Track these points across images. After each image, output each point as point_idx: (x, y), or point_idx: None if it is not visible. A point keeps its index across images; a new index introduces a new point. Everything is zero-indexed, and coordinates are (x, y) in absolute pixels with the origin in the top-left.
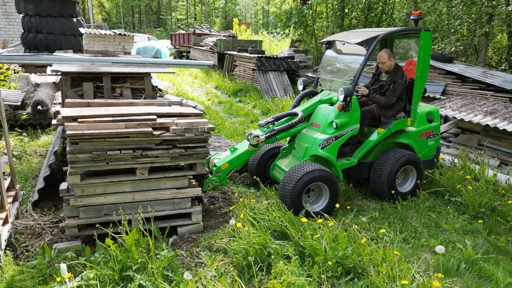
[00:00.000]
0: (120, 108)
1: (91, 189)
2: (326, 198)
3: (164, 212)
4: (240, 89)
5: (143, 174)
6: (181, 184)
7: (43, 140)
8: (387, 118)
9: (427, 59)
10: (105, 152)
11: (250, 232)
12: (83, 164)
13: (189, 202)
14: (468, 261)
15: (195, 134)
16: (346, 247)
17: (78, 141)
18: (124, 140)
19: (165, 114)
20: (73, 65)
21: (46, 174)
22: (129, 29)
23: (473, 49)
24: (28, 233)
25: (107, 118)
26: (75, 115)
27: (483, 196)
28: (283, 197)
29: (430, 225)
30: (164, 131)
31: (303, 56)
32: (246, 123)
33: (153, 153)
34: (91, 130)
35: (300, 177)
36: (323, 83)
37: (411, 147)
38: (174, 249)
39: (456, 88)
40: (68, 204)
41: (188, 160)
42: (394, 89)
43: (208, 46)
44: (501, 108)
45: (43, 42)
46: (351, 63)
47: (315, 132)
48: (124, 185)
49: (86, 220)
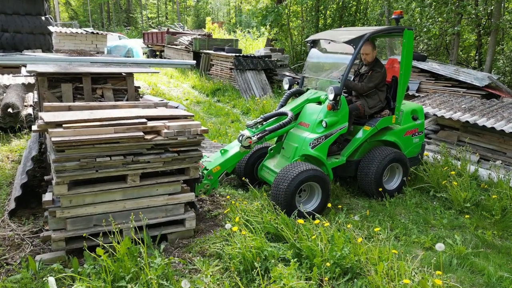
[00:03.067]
0: (105, 111)
1: (79, 199)
2: (318, 198)
3: (156, 219)
4: (218, 89)
5: (134, 181)
6: (174, 190)
7: (15, 144)
8: (370, 108)
9: (410, 57)
10: (94, 159)
11: (246, 236)
12: (70, 173)
13: (182, 208)
14: (459, 257)
15: (187, 137)
16: (342, 247)
17: (65, 149)
18: (114, 146)
19: (155, 117)
20: (49, 65)
21: (23, 181)
22: (98, 28)
23: (444, 48)
24: (6, 245)
25: (94, 122)
26: (59, 121)
27: (467, 191)
28: (276, 197)
29: (419, 221)
30: (155, 135)
31: (279, 55)
32: (227, 123)
33: (144, 159)
34: (78, 136)
35: (295, 176)
36: (308, 82)
37: (397, 144)
38: (166, 256)
39: (430, 86)
40: (54, 216)
41: (181, 164)
42: (371, 76)
43: (183, 45)
44: (478, 105)
45: (10, 42)
46: (337, 62)
47: (304, 131)
48: (115, 193)
49: (74, 232)
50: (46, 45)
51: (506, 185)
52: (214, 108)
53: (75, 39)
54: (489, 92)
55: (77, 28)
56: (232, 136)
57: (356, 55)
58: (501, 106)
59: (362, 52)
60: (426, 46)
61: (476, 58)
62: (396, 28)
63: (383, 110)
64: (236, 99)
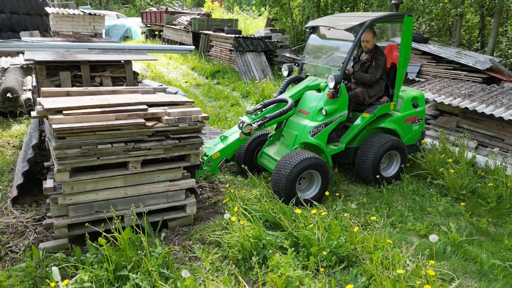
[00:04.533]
0: (104, 97)
1: (80, 186)
2: (318, 186)
3: (158, 205)
4: (217, 71)
5: (135, 168)
6: (175, 176)
7: (15, 129)
8: (370, 97)
9: (409, 44)
10: (95, 146)
11: (244, 225)
12: (72, 160)
13: (183, 194)
14: (453, 244)
15: (188, 124)
16: (339, 236)
17: (66, 136)
18: (115, 133)
19: (155, 103)
20: (47, 52)
21: (24, 169)
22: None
23: (446, 29)
24: (10, 232)
25: (95, 109)
26: (59, 107)
27: (464, 178)
28: (277, 184)
29: (415, 208)
30: (156, 122)
31: (280, 35)
32: (226, 106)
33: (145, 146)
34: (79, 123)
35: (296, 165)
36: (307, 68)
37: (396, 132)
38: (167, 244)
39: (431, 69)
40: (56, 203)
41: (182, 151)
42: (377, 65)
43: (182, 25)
44: (478, 91)
45: (6, 23)
46: (337, 49)
47: (303, 119)
48: (116, 180)
49: (77, 219)
50: (43, 26)
51: (503, 173)
52: (213, 91)
53: (73, 20)
54: (490, 76)
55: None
56: (232, 121)
57: (356, 42)
58: (501, 92)
59: (363, 39)
60: (429, 27)
61: (478, 40)
62: (396, 15)
63: (382, 97)
64: (235, 81)
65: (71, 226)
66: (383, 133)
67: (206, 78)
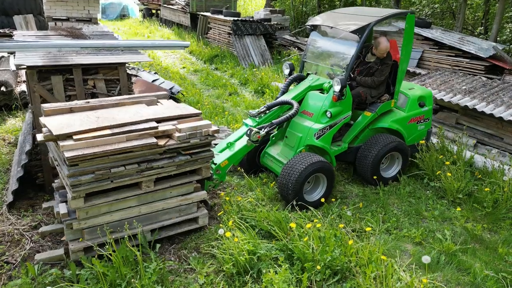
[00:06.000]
0: (110, 113)
1: (95, 210)
2: (323, 188)
3: (170, 220)
4: (216, 55)
5: (148, 187)
6: (187, 191)
7: (10, 124)
8: (372, 97)
9: (411, 42)
10: (109, 170)
11: (239, 239)
12: (86, 187)
13: (195, 207)
14: (447, 253)
15: (199, 139)
16: (333, 249)
17: (78, 162)
18: (128, 155)
19: (164, 118)
20: (38, 54)
21: (19, 174)
22: None
23: (450, 12)
24: (6, 241)
25: (105, 131)
26: (69, 132)
27: (461, 181)
28: (285, 188)
29: (411, 212)
30: (167, 139)
31: (279, 16)
32: (224, 96)
33: (158, 164)
34: (91, 148)
35: (304, 168)
36: (308, 66)
37: (400, 132)
38: (162, 253)
39: (433, 55)
40: (71, 228)
41: (194, 165)
42: (382, 69)
43: (179, 5)
44: (480, 86)
45: None
46: (339, 47)
47: (307, 120)
48: (130, 201)
49: (92, 241)
50: (37, 9)
51: (500, 177)
52: (211, 79)
53: (67, 5)
54: (492, 64)
55: None
56: (230, 114)
57: (361, 44)
58: (502, 88)
59: (377, 46)
60: (432, 10)
61: (482, 22)
62: (399, 13)
63: (383, 95)
64: (234, 67)
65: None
66: (386, 134)
67: (204, 63)
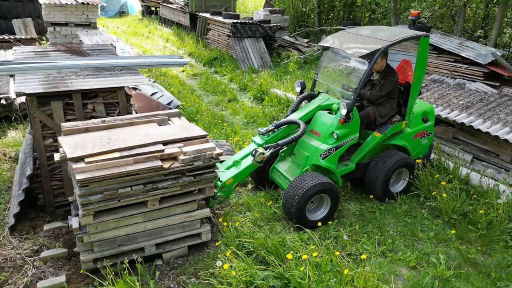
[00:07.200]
0: (123, 135)
1: (104, 225)
2: (326, 208)
3: (175, 235)
4: (215, 58)
5: (154, 205)
6: (191, 208)
7: (11, 136)
8: (381, 117)
9: (424, 64)
10: (116, 190)
11: (236, 270)
12: (95, 205)
13: (199, 223)
14: (441, 279)
15: (203, 161)
16: (329, 278)
17: (89, 184)
18: (134, 177)
19: (171, 141)
20: (38, 77)
21: (20, 198)
22: None
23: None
24: (9, 266)
25: (114, 153)
26: (81, 155)
27: (456, 201)
28: (288, 207)
29: (406, 233)
30: (172, 162)
31: (279, 16)
32: (223, 103)
33: (163, 185)
34: (100, 171)
35: (307, 189)
36: (319, 85)
37: (406, 148)
38: (161, 280)
39: (433, 60)
40: (82, 241)
41: (197, 186)
42: (383, 84)
43: (178, 5)
44: (477, 101)
45: None
46: (350, 69)
47: (315, 140)
48: (136, 218)
49: (102, 253)
50: (35, 13)
51: (495, 200)
52: (211, 84)
53: (65, 10)
54: (491, 70)
55: None
56: (228, 126)
57: (370, 68)
58: (499, 103)
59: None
60: (432, 12)
61: (482, 26)
62: (413, 37)
63: (394, 116)
64: (233, 71)
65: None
66: (394, 150)
67: (203, 65)
